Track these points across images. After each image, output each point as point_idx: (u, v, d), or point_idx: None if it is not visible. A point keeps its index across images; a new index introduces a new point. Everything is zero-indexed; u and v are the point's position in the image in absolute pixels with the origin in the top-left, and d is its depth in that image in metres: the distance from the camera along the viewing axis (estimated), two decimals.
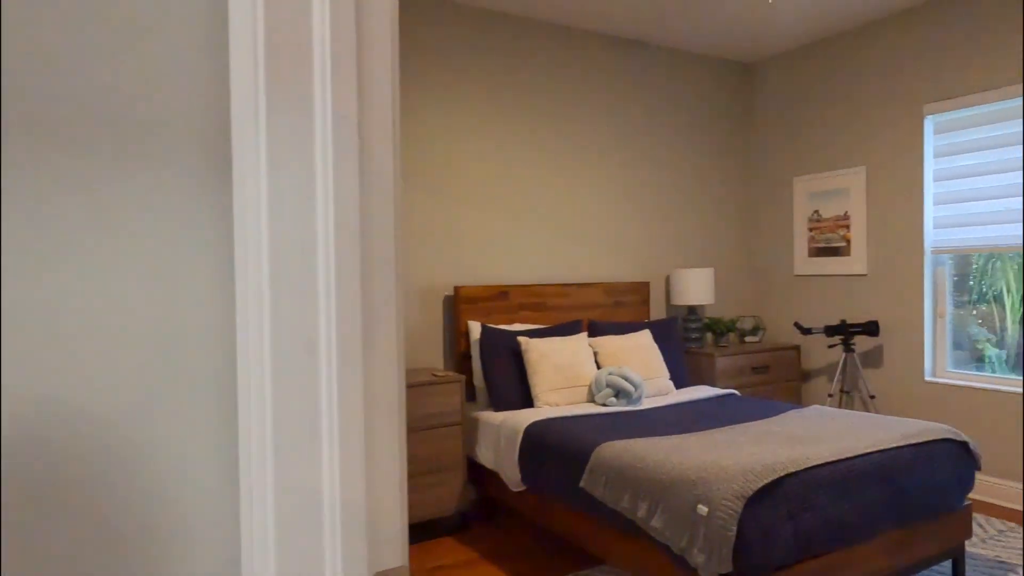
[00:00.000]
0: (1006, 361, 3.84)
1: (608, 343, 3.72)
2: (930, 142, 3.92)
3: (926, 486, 2.51)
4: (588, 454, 2.63)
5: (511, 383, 3.47)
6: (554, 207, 4.12)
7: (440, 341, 3.75)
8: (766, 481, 2.13)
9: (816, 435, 2.66)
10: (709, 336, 4.72)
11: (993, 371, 3.85)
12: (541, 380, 3.41)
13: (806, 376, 4.63)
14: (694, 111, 4.70)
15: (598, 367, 3.68)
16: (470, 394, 3.80)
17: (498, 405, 3.43)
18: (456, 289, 3.70)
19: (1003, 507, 3.55)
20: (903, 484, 2.44)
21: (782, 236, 4.77)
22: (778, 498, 2.14)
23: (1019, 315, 3.78)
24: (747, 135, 4.97)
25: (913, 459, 2.51)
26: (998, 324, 3.87)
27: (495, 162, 3.90)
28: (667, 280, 4.59)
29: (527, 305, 3.91)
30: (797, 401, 4.52)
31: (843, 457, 2.36)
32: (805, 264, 4.61)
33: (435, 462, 3.25)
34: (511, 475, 3.09)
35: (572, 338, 3.63)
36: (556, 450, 2.83)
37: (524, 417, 3.17)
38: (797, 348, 4.53)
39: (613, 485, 2.46)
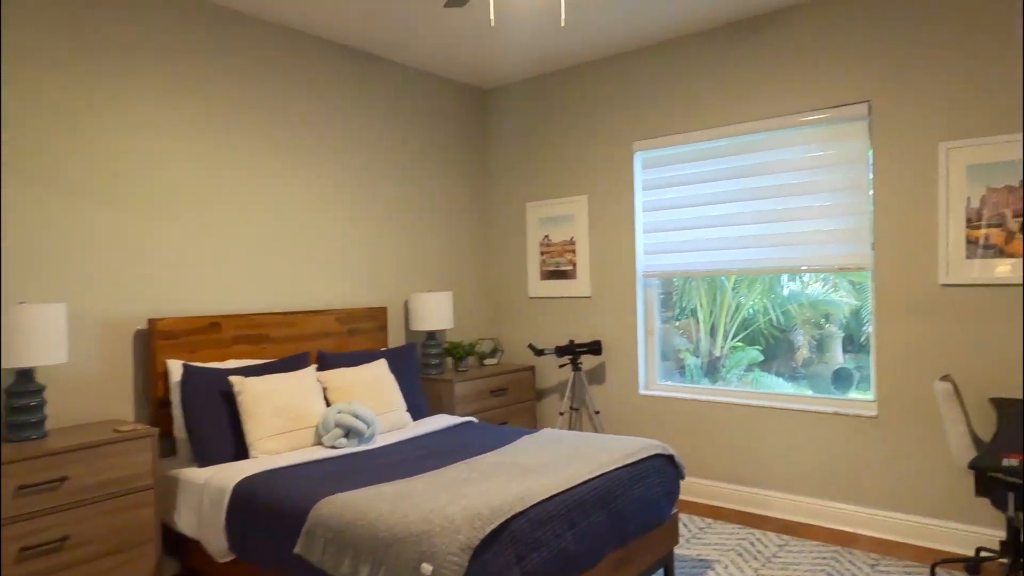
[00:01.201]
0: (702, 367, 4.37)
1: (339, 377, 3.40)
2: (639, 176, 4.30)
3: (642, 503, 2.62)
4: (306, 513, 2.29)
5: (221, 432, 2.96)
6: (280, 227, 3.69)
7: (129, 386, 3.09)
8: (493, 526, 2.01)
9: (544, 463, 2.65)
10: (449, 361, 4.64)
11: (692, 379, 4.35)
12: (257, 425, 2.97)
13: (541, 395, 4.79)
14: (433, 132, 4.62)
15: (328, 404, 3.34)
16: (170, 448, 3.19)
17: (204, 460, 2.90)
18: (151, 322, 3.08)
19: (703, 504, 3.97)
20: (622, 505, 2.52)
21: (517, 259, 4.90)
22: (505, 542, 2.04)
23: (708, 327, 4.34)
24: (484, 159, 5.04)
25: (630, 479, 2.61)
26: (694, 335, 4.41)
27: (204, 173, 3.36)
28: (406, 305, 4.41)
29: (244, 338, 3.42)
30: (533, 421, 4.64)
31: (568, 487, 2.35)
32: (538, 287, 4.78)
33: (118, 539, 2.62)
34: (216, 544, 2.60)
35: (297, 374, 3.24)
36: (269, 510, 2.43)
37: (234, 472, 2.71)
38: (532, 369, 4.66)
39: (333, 548, 2.15)
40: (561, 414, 4.27)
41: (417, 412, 3.76)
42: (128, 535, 2.65)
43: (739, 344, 4.42)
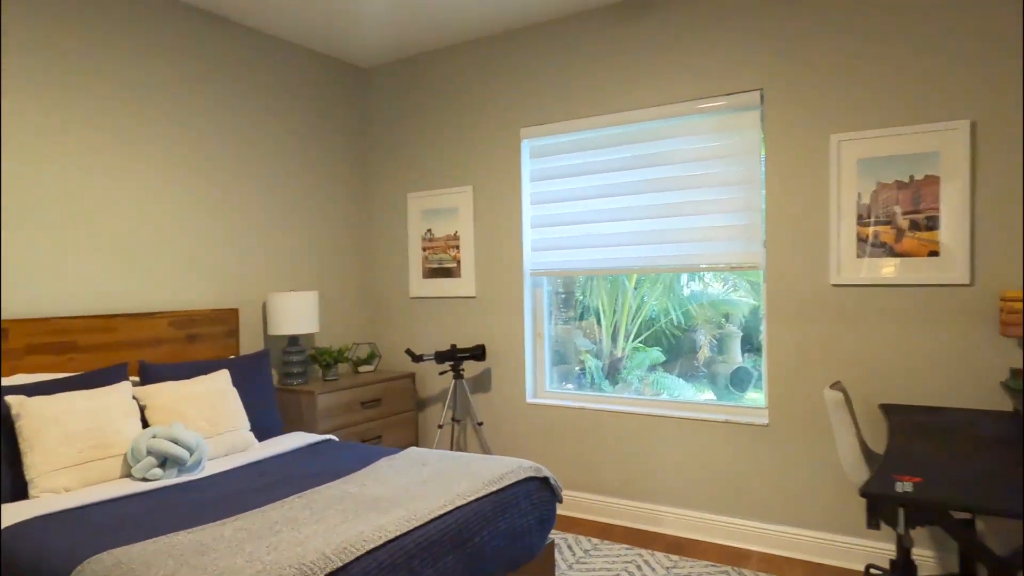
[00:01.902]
0: (603, 369, 4.10)
1: (163, 392, 2.85)
2: (527, 165, 3.96)
3: (507, 538, 2.26)
4: None
5: None
6: (100, 212, 3.07)
7: None
8: None
9: (395, 496, 2.23)
10: (316, 370, 4.14)
11: (592, 380, 4.06)
12: (41, 457, 2.39)
13: (422, 405, 4.36)
14: (305, 113, 4.10)
15: (146, 426, 2.78)
16: None
17: None
18: None
19: (592, 521, 3.67)
20: (482, 543, 2.14)
21: (398, 255, 4.45)
22: None
23: (610, 328, 4.06)
24: (362, 145, 4.55)
25: (492, 511, 2.24)
26: (597, 336, 4.13)
27: None
28: (263, 306, 3.87)
29: (43, 347, 2.80)
30: (413, 434, 4.21)
31: (410, 528, 1.95)
32: (420, 286, 4.35)
33: None
34: None
35: (105, 390, 2.67)
36: (27, 572, 1.88)
37: None
38: (412, 376, 4.22)
39: None
40: (440, 426, 3.86)
41: (267, 431, 3.25)
42: None
43: (640, 345, 4.19)
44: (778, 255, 3.18)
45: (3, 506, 2.29)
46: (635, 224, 3.61)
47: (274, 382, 3.84)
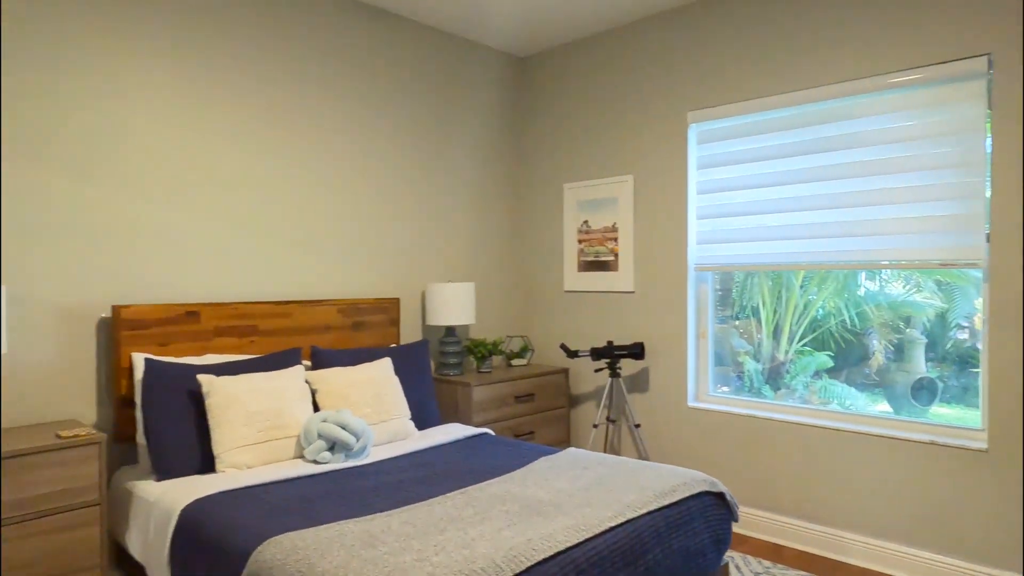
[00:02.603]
0: (763, 373, 3.75)
1: (332, 378, 2.94)
2: (694, 152, 3.68)
3: (682, 557, 2.05)
4: (247, 555, 1.82)
5: (184, 439, 2.54)
6: (272, 205, 3.24)
7: (91, 383, 2.70)
8: None
9: (558, 500, 2.10)
10: (470, 361, 4.14)
11: (752, 385, 3.73)
12: (227, 434, 2.53)
13: (575, 402, 4.23)
14: (462, 104, 4.10)
15: (317, 410, 2.88)
16: (133, 455, 2.79)
17: (162, 472, 2.48)
18: (115, 309, 2.68)
19: (761, 541, 3.35)
20: (655, 561, 1.95)
21: (552, 248, 4.34)
22: None
23: (771, 328, 3.69)
24: (518, 135, 4.49)
25: (667, 526, 2.04)
26: (755, 337, 3.78)
27: (186, 142, 2.94)
28: (423, 296, 3.92)
29: (229, 330, 2.99)
30: (565, 432, 4.09)
31: (580, 540, 1.80)
32: (575, 279, 4.21)
33: (55, 564, 2.23)
34: None
35: (281, 373, 2.79)
36: (211, 548, 1.98)
37: (187, 491, 2.27)
38: (566, 371, 4.10)
39: None
40: (595, 426, 3.71)
41: (425, 420, 3.27)
42: (68, 559, 2.26)
43: (806, 348, 3.77)
44: (1006, 251, 2.68)
45: (194, 478, 2.45)
46: (816, 215, 3.22)
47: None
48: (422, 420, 3.26)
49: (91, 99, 2.67)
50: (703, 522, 2.19)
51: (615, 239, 4.00)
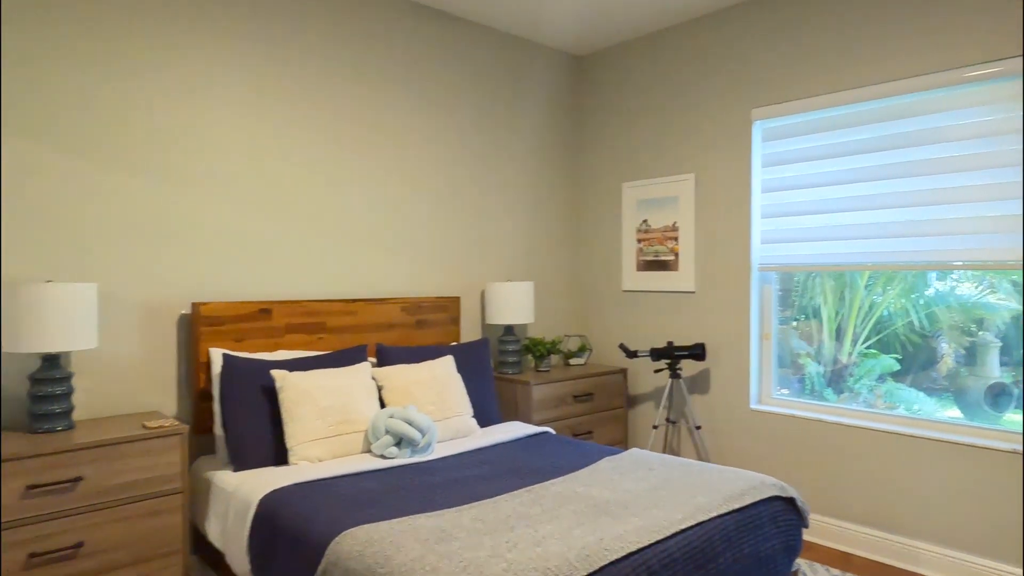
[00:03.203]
0: (824, 376, 3.64)
1: (397, 375, 3.00)
2: (758, 150, 3.61)
3: (752, 563, 2.02)
4: (324, 547, 1.88)
5: (260, 432, 2.64)
6: (342, 205, 3.33)
7: (172, 376, 2.83)
8: None
9: (625, 500, 2.10)
10: (529, 360, 4.16)
11: (813, 389, 3.63)
12: (299, 427, 2.61)
13: (633, 402, 4.20)
14: (520, 103, 4.13)
15: (383, 406, 2.95)
16: (210, 446, 2.91)
17: (239, 462, 2.59)
18: (195, 306, 2.80)
19: (829, 548, 3.26)
20: (725, 566, 1.93)
21: (610, 247, 4.32)
22: None
23: (834, 330, 3.59)
24: (576, 134, 4.48)
25: (737, 530, 2.02)
26: (816, 338, 3.68)
27: (256, 144, 3.05)
28: (482, 295, 3.96)
29: (298, 326, 3.09)
30: (623, 432, 4.07)
31: (652, 541, 1.80)
32: (633, 279, 4.19)
33: (140, 548, 2.34)
34: (239, 563, 2.27)
35: (349, 369, 2.87)
36: (291, 535, 2.05)
37: (265, 481, 2.36)
38: (624, 372, 4.08)
39: None
40: (655, 427, 3.68)
41: (486, 418, 3.31)
42: (152, 544, 2.37)
43: (872, 351, 3.64)
44: None
45: (268, 469, 2.54)
46: (886, 214, 3.12)
47: None
48: (483, 418, 3.29)
49: (171, 105, 2.80)
50: (774, 527, 2.15)
51: (675, 238, 3.96)
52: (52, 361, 2.38)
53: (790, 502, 2.28)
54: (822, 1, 3.29)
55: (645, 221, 4.12)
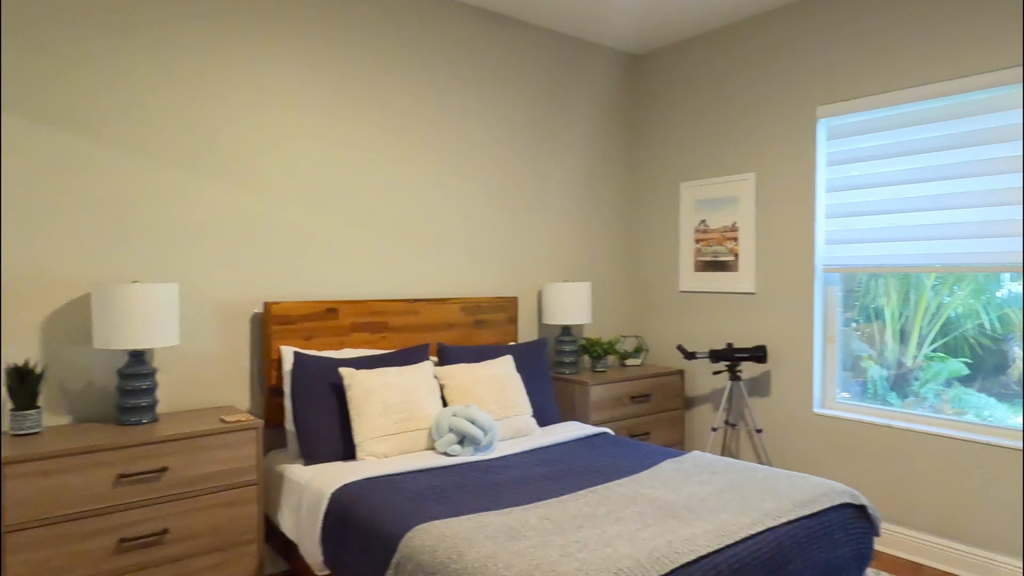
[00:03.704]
0: (888, 380, 3.54)
1: (459, 373, 3.06)
2: (823, 148, 3.53)
3: (822, 570, 2.00)
4: (398, 540, 1.94)
5: (329, 428, 2.73)
6: (402, 207, 3.41)
7: (245, 373, 2.95)
8: None
9: (691, 504, 2.10)
10: (585, 360, 4.16)
11: (875, 393, 3.53)
12: (366, 424, 2.69)
13: (690, 404, 4.17)
14: (576, 104, 4.14)
15: (445, 404, 3.01)
16: (281, 440, 3.02)
17: (309, 457, 2.68)
18: (267, 305, 2.92)
19: (899, 558, 3.17)
20: (794, 572, 1.91)
21: (667, 247, 4.29)
22: None
23: (898, 332, 3.47)
24: (633, 134, 4.47)
25: (807, 537, 1.99)
26: (878, 341, 3.57)
27: (322, 149, 3.15)
28: (539, 295, 3.99)
29: (363, 325, 3.18)
30: (680, 434, 4.04)
31: (722, 546, 1.80)
32: (691, 279, 4.15)
33: (219, 536, 2.46)
34: (312, 553, 2.35)
35: (413, 368, 2.93)
36: (363, 528, 2.12)
37: (336, 476, 2.44)
38: (681, 373, 4.05)
39: None
40: (714, 429, 3.64)
41: (545, 417, 3.33)
42: (230, 533, 2.48)
43: (938, 354, 3.52)
44: None
45: (337, 463, 2.62)
46: (957, 214, 3.01)
47: None
48: (542, 417, 3.32)
49: (249, 118, 2.91)
50: (844, 535, 2.12)
51: (735, 239, 3.90)
52: (138, 357, 2.51)
53: (861, 510, 2.24)
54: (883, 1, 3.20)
55: (703, 221, 4.08)
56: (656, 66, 4.34)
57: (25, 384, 2.30)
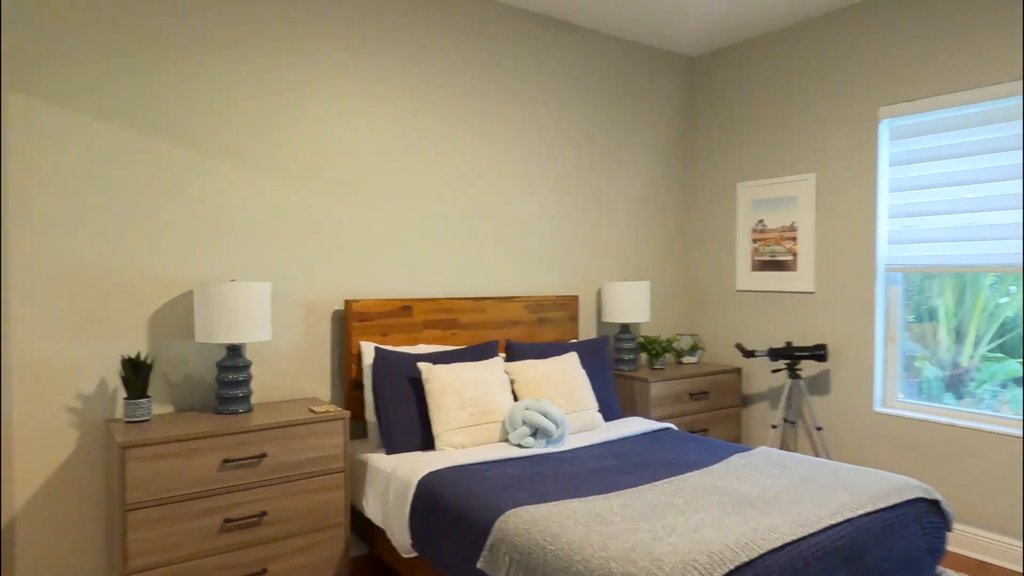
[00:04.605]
0: (942, 380, 3.54)
1: (527, 369, 3.17)
2: (885, 149, 3.55)
3: (899, 563, 2.06)
4: (490, 524, 2.07)
5: (409, 419, 2.87)
6: (469, 209, 3.54)
7: (327, 367, 3.12)
8: None
9: (767, 496, 2.18)
10: (643, 357, 4.25)
11: (931, 392, 3.54)
12: (444, 416, 2.83)
13: (747, 402, 4.22)
14: (633, 106, 4.22)
15: (515, 398, 3.13)
16: (361, 431, 3.18)
17: (391, 447, 2.83)
18: (347, 303, 3.08)
19: (964, 557, 3.19)
20: (872, 563, 1.98)
21: (724, 247, 4.34)
22: None
23: (953, 332, 3.47)
24: (690, 135, 4.53)
25: (884, 530, 2.06)
26: (932, 341, 3.57)
27: (397, 154, 3.30)
28: (598, 294, 4.09)
29: (435, 322, 3.32)
30: (737, 431, 4.09)
31: (804, 534, 1.88)
32: (748, 278, 4.20)
33: (310, 519, 2.62)
34: (400, 538, 2.49)
35: (484, 363, 3.06)
36: (453, 513, 2.25)
37: (419, 464, 2.58)
38: (738, 371, 4.10)
39: (519, 571, 1.90)
40: (774, 427, 3.69)
41: (609, 412, 3.43)
42: (319, 516, 2.64)
43: (995, 354, 3.50)
44: None
45: (418, 453, 2.76)
46: (1018, 214, 3.02)
47: None
48: (605, 413, 3.42)
49: (333, 125, 3.07)
50: (919, 529, 2.17)
51: (793, 238, 3.94)
52: (236, 351, 2.69)
53: (935, 504, 2.29)
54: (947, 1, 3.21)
55: (761, 221, 4.12)
56: (714, 67, 4.39)
57: (138, 375, 2.49)
